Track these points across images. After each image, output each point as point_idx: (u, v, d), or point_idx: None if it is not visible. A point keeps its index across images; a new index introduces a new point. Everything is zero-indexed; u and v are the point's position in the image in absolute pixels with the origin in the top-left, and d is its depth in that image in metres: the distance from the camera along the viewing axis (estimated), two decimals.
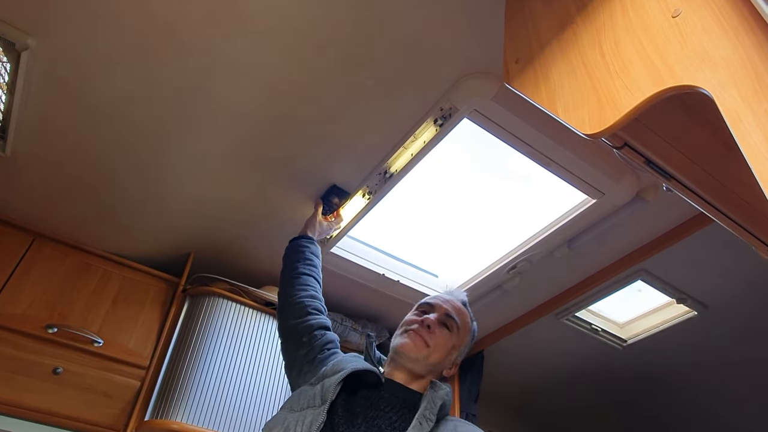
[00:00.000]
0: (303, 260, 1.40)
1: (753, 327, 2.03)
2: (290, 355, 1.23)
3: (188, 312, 1.88)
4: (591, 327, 2.18)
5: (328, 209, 1.70)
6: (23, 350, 1.59)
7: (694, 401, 2.54)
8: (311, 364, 1.17)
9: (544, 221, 1.72)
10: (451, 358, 1.16)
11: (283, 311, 1.31)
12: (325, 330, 1.25)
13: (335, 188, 1.67)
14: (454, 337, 1.16)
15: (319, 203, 1.68)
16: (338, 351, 1.23)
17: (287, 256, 1.44)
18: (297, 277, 1.35)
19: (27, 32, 1.26)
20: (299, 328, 1.23)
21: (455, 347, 1.16)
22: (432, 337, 1.13)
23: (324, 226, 1.65)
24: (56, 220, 1.81)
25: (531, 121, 1.38)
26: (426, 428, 0.94)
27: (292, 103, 1.42)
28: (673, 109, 0.83)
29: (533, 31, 0.95)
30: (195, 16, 1.22)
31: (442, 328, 1.16)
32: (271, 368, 1.83)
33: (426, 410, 0.98)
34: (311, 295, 1.31)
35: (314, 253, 1.46)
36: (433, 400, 1.00)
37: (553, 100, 0.84)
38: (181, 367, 1.70)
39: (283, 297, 1.33)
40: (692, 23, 0.65)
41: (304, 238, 1.50)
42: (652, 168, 0.85)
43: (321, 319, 1.27)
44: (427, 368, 1.11)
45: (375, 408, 1.00)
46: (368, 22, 1.22)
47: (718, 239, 1.62)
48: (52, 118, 1.48)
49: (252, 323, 1.89)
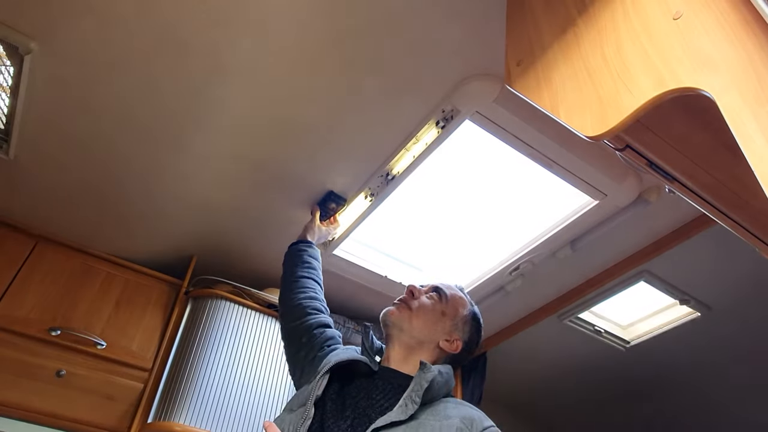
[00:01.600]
0: (301, 264, 1.41)
1: (756, 328, 2.03)
2: (292, 357, 1.23)
3: (191, 314, 1.88)
4: (594, 328, 2.17)
5: (325, 214, 1.72)
6: (27, 353, 1.59)
7: (698, 402, 2.53)
8: (311, 364, 1.16)
9: (546, 223, 1.72)
10: (444, 327, 1.11)
11: (283, 315, 1.30)
12: (324, 328, 1.24)
13: (332, 194, 1.69)
14: (441, 304, 1.13)
15: (315, 209, 1.70)
16: (339, 347, 1.21)
17: (286, 261, 1.44)
18: (296, 281, 1.35)
19: (30, 36, 1.26)
20: (299, 330, 1.23)
21: (446, 314, 1.12)
22: (414, 302, 1.13)
23: (322, 231, 1.66)
24: (59, 223, 1.81)
25: (533, 123, 1.38)
26: (411, 410, 0.90)
27: (294, 105, 1.42)
28: (675, 111, 0.82)
29: (535, 34, 0.95)
30: (197, 19, 1.22)
31: (428, 295, 1.15)
32: (273, 370, 1.83)
33: (412, 392, 0.94)
34: (310, 296, 1.31)
35: (313, 256, 1.45)
36: (420, 382, 0.96)
37: (554, 102, 0.84)
38: (184, 370, 1.71)
39: (283, 302, 1.33)
40: (694, 25, 0.65)
41: (302, 242, 1.50)
42: (654, 170, 0.85)
43: (320, 317, 1.26)
44: (416, 336, 1.09)
45: (367, 397, 0.98)
46: (370, 25, 1.22)
47: (721, 240, 1.62)
48: (55, 122, 1.48)
49: (254, 325, 1.89)
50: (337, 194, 1.69)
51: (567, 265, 1.85)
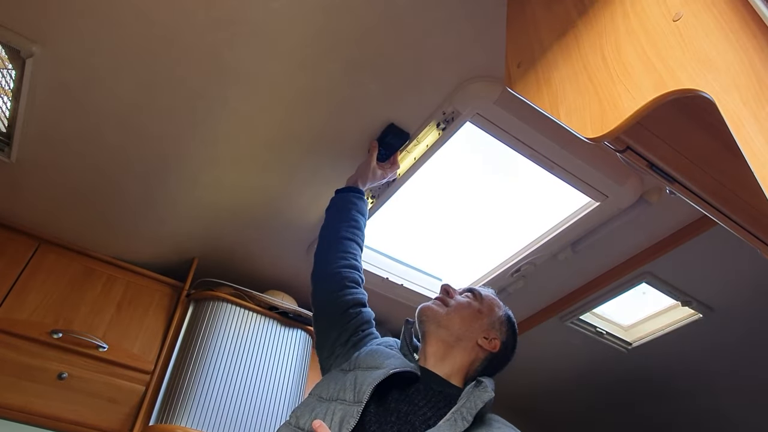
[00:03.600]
0: (347, 221, 1.28)
1: (759, 329, 2.02)
2: (322, 334, 1.16)
3: (192, 316, 1.88)
4: (596, 330, 2.17)
5: (386, 154, 1.46)
6: (28, 356, 1.59)
7: (700, 404, 2.52)
8: (344, 347, 1.11)
9: (547, 224, 1.72)
10: (481, 324, 1.09)
11: (318, 278, 1.21)
12: (360, 307, 1.17)
13: (393, 127, 1.42)
14: (476, 303, 1.12)
15: (374, 145, 1.45)
16: (373, 331, 1.17)
17: (331, 210, 1.32)
18: (338, 242, 1.23)
19: (31, 39, 1.27)
20: (333, 304, 1.15)
21: (482, 312, 1.11)
22: (450, 300, 1.12)
23: (377, 174, 1.44)
24: (61, 226, 1.82)
25: (533, 124, 1.38)
26: (460, 427, 0.85)
27: (295, 107, 1.42)
28: (675, 112, 0.82)
29: (535, 35, 0.95)
30: (198, 22, 1.22)
31: (464, 294, 1.15)
32: (275, 372, 1.83)
33: (464, 408, 0.89)
34: (350, 264, 1.21)
35: (361, 212, 1.32)
36: (474, 400, 0.91)
37: (554, 103, 0.84)
38: (186, 372, 1.71)
39: (320, 261, 1.23)
40: (693, 27, 0.65)
41: (352, 191, 1.34)
42: (655, 171, 0.85)
43: (357, 293, 1.19)
44: (454, 332, 1.07)
45: (409, 402, 0.94)
46: (371, 27, 1.22)
47: (723, 242, 1.61)
48: (57, 125, 1.48)
49: (256, 327, 1.89)
50: (400, 128, 1.43)
51: (568, 266, 1.85)
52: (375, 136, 1.48)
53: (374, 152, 1.43)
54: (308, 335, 1.99)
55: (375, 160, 1.43)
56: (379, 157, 1.46)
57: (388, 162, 1.48)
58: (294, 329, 1.96)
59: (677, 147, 0.83)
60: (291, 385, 1.84)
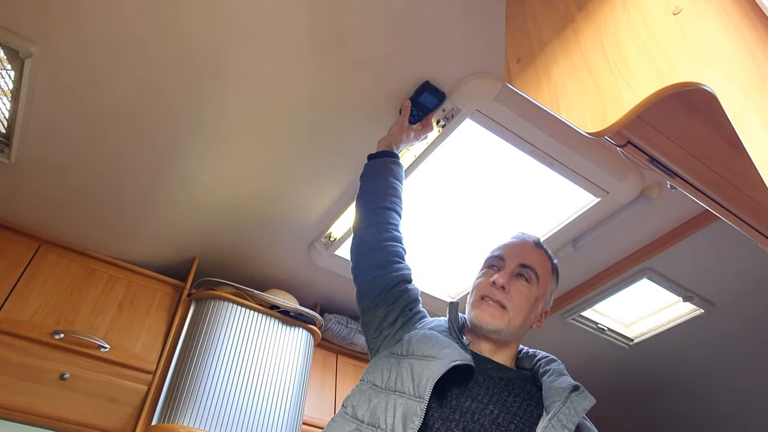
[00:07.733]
0: (386, 189, 1.19)
1: (760, 324, 2.02)
2: (368, 313, 1.10)
3: (194, 316, 1.88)
4: (597, 326, 2.17)
5: (419, 114, 1.39)
6: (30, 356, 1.59)
7: (702, 399, 2.52)
8: (392, 327, 1.06)
9: (548, 221, 1.72)
10: (537, 311, 1.05)
11: (360, 251, 1.14)
12: (407, 283, 1.11)
13: (428, 85, 1.35)
14: (534, 289, 1.04)
15: (407, 104, 1.36)
16: (421, 309, 1.11)
17: (368, 179, 1.23)
18: (379, 212, 1.15)
19: (30, 40, 1.27)
20: (380, 280, 1.09)
21: (539, 299, 1.04)
22: (508, 298, 1.01)
23: (411, 136, 1.36)
24: (62, 226, 1.82)
25: (534, 120, 1.38)
26: None
27: (295, 107, 1.42)
28: (676, 106, 0.82)
29: (534, 31, 0.95)
30: (197, 21, 1.22)
31: (519, 280, 1.04)
32: (277, 371, 1.83)
33: (561, 414, 0.85)
34: (393, 236, 1.14)
35: (398, 178, 1.24)
36: (576, 407, 0.87)
37: (555, 99, 0.83)
38: (188, 372, 1.71)
39: (361, 233, 1.15)
40: (693, 19, 0.65)
41: (388, 156, 1.26)
42: (656, 166, 0.84)
43: (403, 269, 1.12)
44: (513, 333, 1.02)
45: (472, 398, 0.89)
46: (370, 24, 1.22)
47: (724, 236, 1.61)
48: (56, 125, 1.48)
49: (257, 327, 1.89)
50: (436, 87, 1.36)
51: (569, 263, 1.85)
52: (375, 136, 1.48)
53: (407, 113, 1.36)
54: (310, 334, 1.99)
55: (407, 120, 1.36)
56: (411, 119, 1.38)
57: (419, 123, 1.41)
58: (295, 328, 1.96)
59: (678, 141, 0.82)
60: (293, 384, 1.83)
